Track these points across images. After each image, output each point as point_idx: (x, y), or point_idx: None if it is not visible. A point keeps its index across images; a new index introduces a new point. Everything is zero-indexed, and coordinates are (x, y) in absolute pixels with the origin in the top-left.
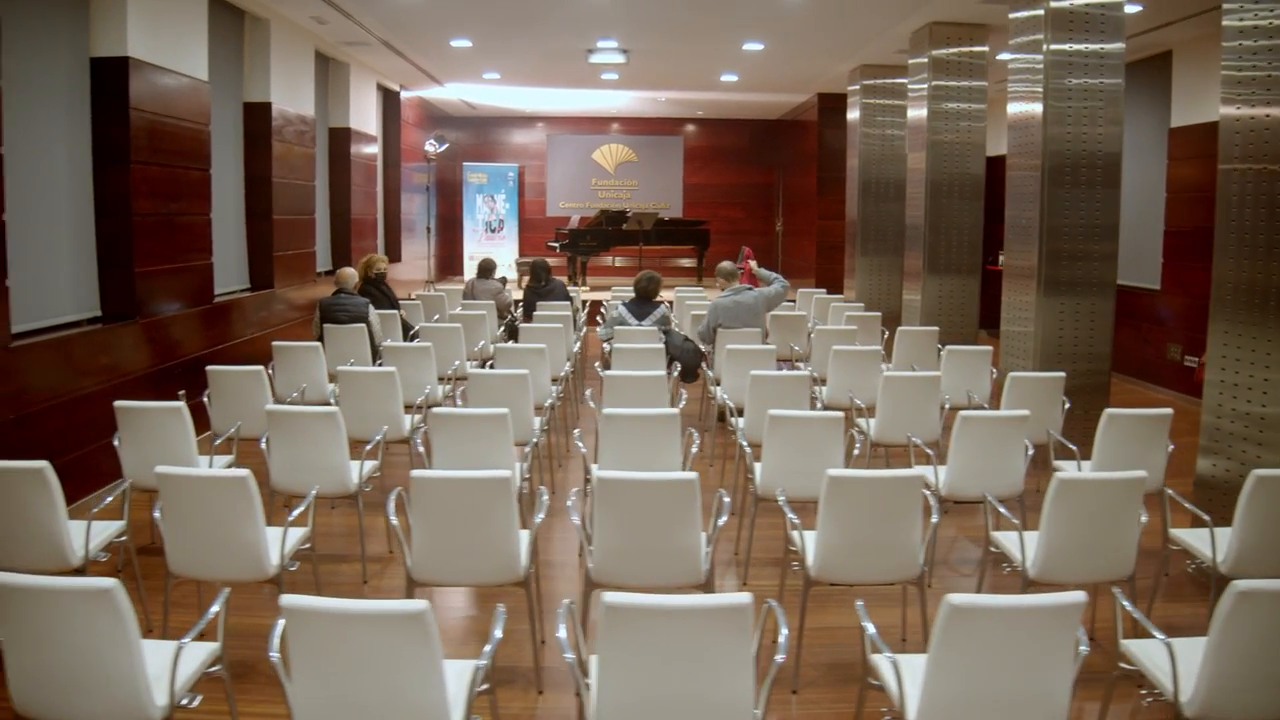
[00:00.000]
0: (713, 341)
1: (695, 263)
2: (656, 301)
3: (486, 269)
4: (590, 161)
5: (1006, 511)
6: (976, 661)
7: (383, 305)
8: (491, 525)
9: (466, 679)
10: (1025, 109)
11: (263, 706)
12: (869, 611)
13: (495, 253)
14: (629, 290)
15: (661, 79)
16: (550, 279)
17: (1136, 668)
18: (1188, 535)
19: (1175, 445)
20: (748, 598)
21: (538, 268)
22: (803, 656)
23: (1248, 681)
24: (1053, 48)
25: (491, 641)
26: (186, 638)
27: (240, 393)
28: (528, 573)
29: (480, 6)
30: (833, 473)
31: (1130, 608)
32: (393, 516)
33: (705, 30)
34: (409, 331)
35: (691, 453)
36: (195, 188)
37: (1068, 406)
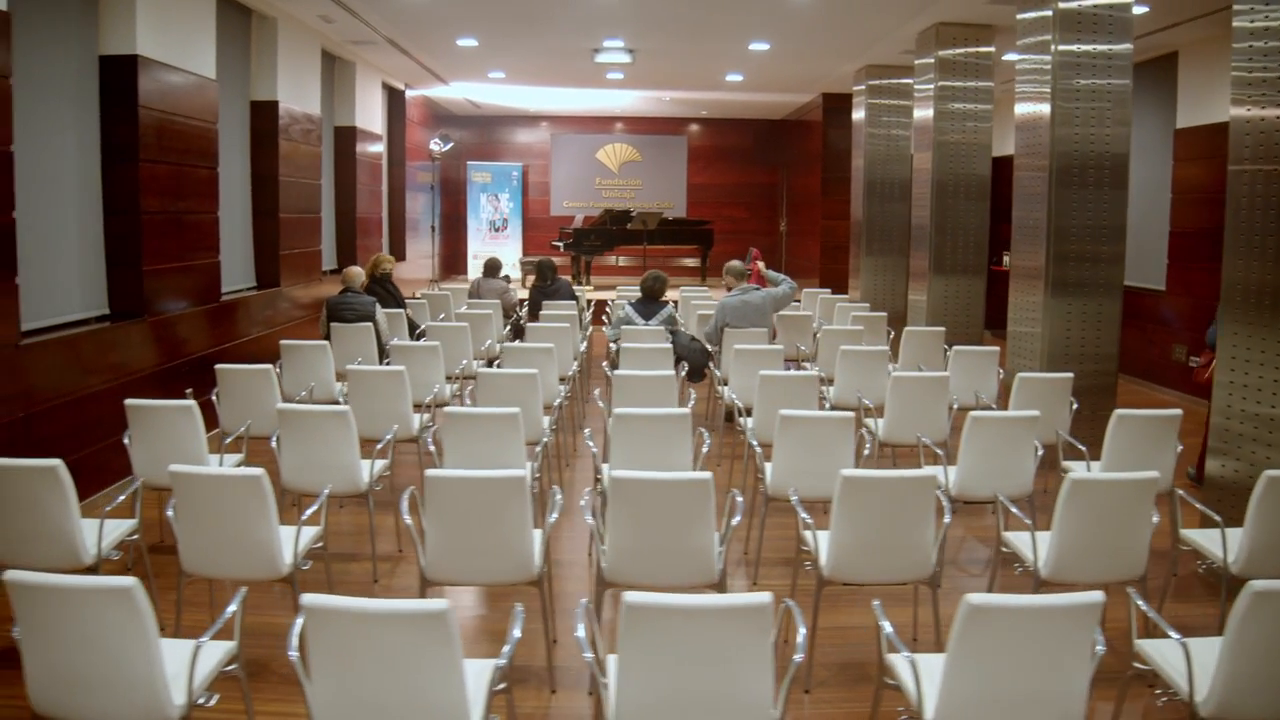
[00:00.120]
0: (720, 341)
1: (699, 262)
2: (663, 301)
3: (492, 268)
4: (594, 161)
5: (1019, 512)
6: (995, 661)
7: (389, 304)
8: (505, 525)
9: (485, 678)
10: (1033, 109)
11: (276, 705)
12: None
13: (499, 252)
14: (634, 290)
15: (667, 79)
16: (556, 278)
17: (1150, 667)
18: (1198, 536)
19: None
20: (768, 597)
21: (543, 267)
22: (815, 656)
23: (1263, 681)
24: (1061, 48)
25: (510, 641)
26: (205, 636)
27: (249, 391)
28: (541, 572)
29: (487, 6)
30: (846, 473)
31: (1146, 608)
32: (406, 516)
33: (712, 30)
34: (415, 330)
35: (702, 452)
36: (203, 186)
37: (1075, 407)
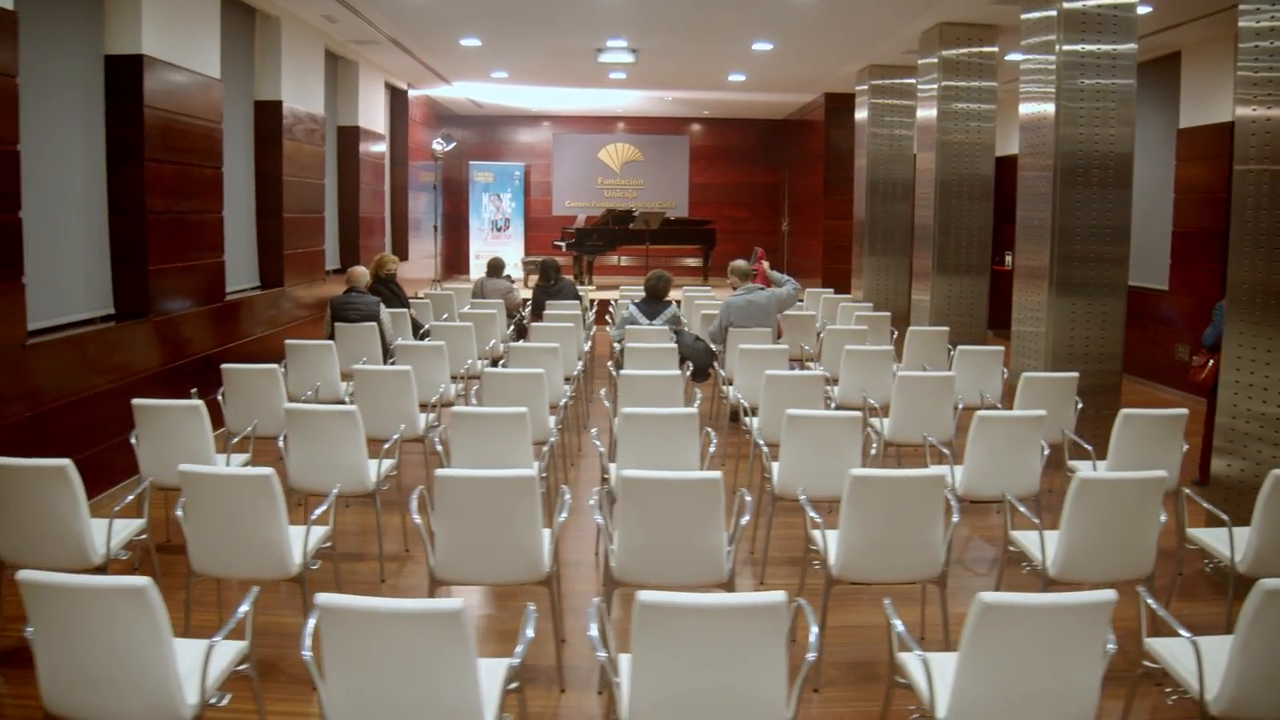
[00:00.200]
0: (724, 340)
1: (701, 262)
2: (667, 301)
3: (496, 268)
4: (596, 161)
5: (1027, 511)
6: (1007, 659)
7: (393, 304)
8: (515, 524)
9: (499, 677)
10: (1037, 109)
11: (285, 705)
12: (883, 611)
13: (501, 252)
14: (638, 290)
15: (669, 78)
16: (560, 278)
17: (1160, 666)
18: (1205, 535)
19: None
20: (782, 596)
21: (547, 267)
22: (823, 655)
23: (1274, 680)
24: (1065, 48)
25: (524, 641)
26: (217, 636)
27: (255, 391)
28: (551, 572)
29: (490, 5)
30: (856, 472)
31: (1157, 606)
32: (415, 515)
33: (715, 30)
34: (419, 330)
35: (709, 452)
36: (208, 186)
37: (1080, 407)
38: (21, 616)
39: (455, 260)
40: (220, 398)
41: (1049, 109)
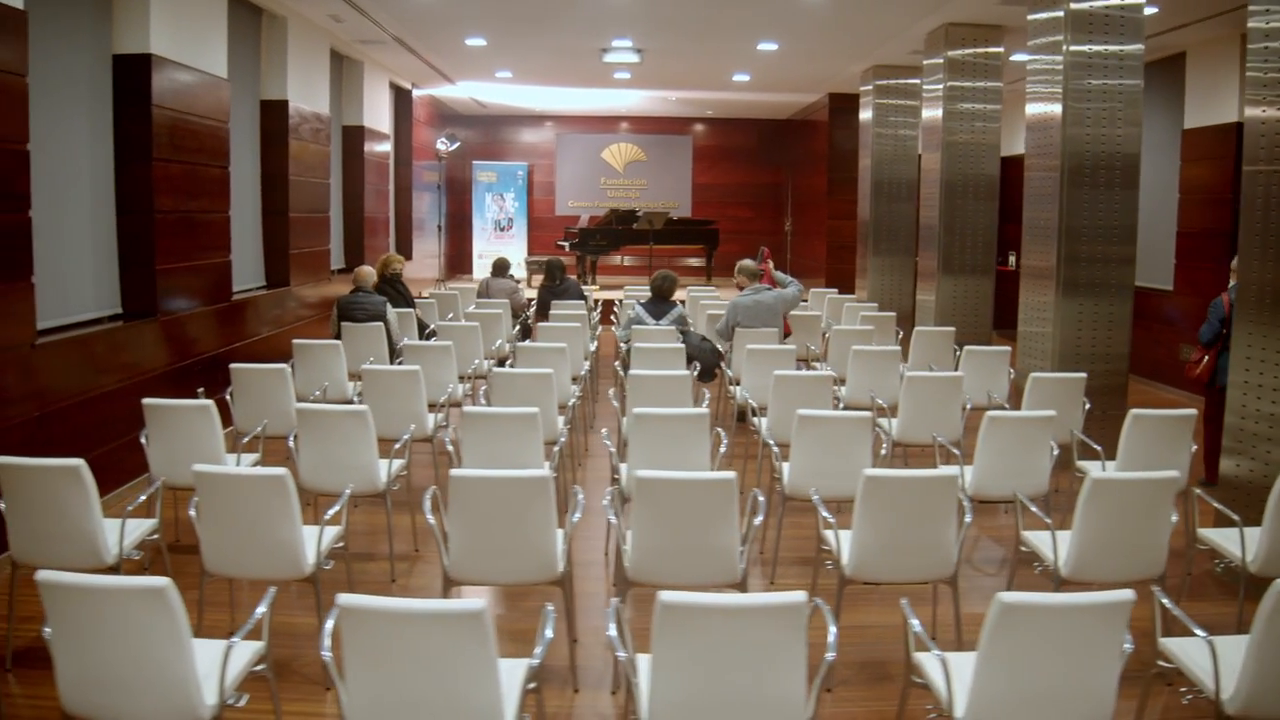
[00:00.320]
0: (731, 338)
1: (704, 262)
2: (673, 301)
3: (501, 268)
4: (599, 160)
5: (1039, 511)
6: (1026, 659)
7: (399, 304)
8: (529, 524)
9: (518, 677)
10: (1044, 110)
11: (298, 705)
12: (894, 611)
13: (504, 251)
14: (643, 290)
15: (674, 78)
16: (565, 278)
17: (1174, 665)
18: (1215, 535)
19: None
20: (802, 596)
21: (553, 267)
22: (837, 654)
23: None
24: (1072, 49)
25: (543, 642)
26: (236, 636)
27: (263, 391)
28: (565, 572)
29: (496, 5)
30: (869, 472)
31: (1172, 606)
32: (429, 515)
33: (720, 30)
34: (424, 330)
35: (720, 452)
36: (215, 185)
37: (1088, 407)
38: (34, 616)
39: (459, 260)
40: (229, 397)
41: (1056, 109)
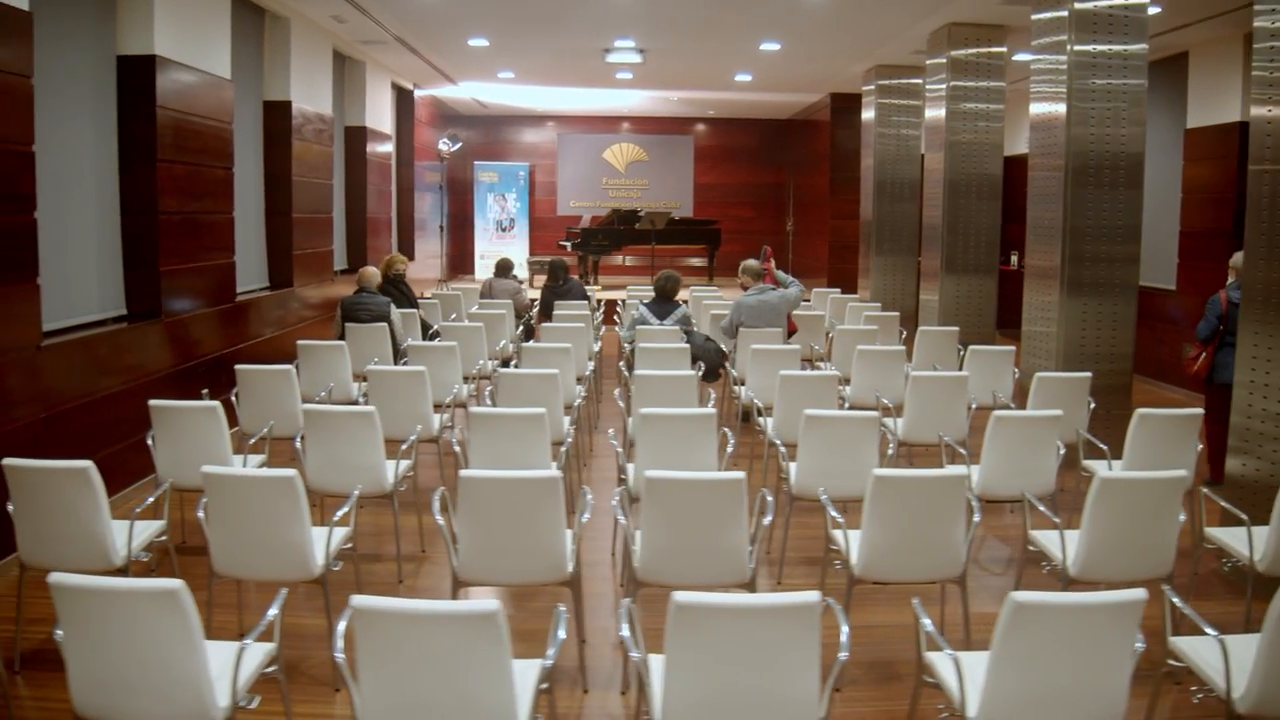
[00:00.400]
0: (735, 336)
1: (706, 262)
2: (676, 301)
3: (504, 268)
4: (601, 161)
5: (1047, 510)
6: (1039, 659)
7: (402, 305)
8: (539, 525)
9: (531, 678)
10: (1048, 109)
11: (307, 706)
12: (901, 611)
13: (506, 252)
14: (646, 290)
15: (676, 78)
16: (568, 278)
17: (1184, 664)
18: (1223, 534)
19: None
20: (816, 596)
21: (556, 267)
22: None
23: None
24: (1076, 49)
25: (555, 643)
26: (249, 638)
27: (269, 392)
28: (574, 572)
29: (499, 6)
30: (879, 472)
31: (1183, 605)
32: (438, 516)
33: (723, 30)
34: (428, 331)
35: (727, 452)
36: (219, 186)
37: (1093, 406)
38: (41, 618)
39: (460, 260)
40: (234, 398)
41: (1060, 109)
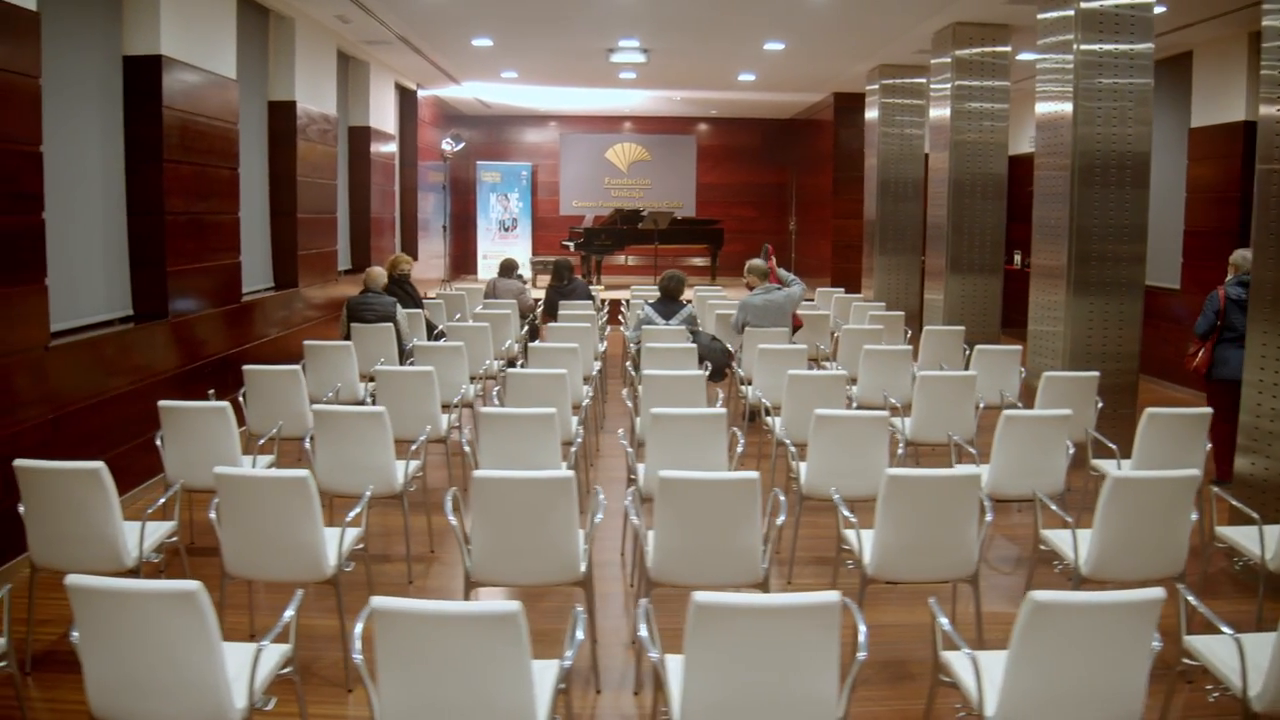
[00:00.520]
0: (741, 332)
1: (709, 262)
2: (682, 301)
3: (508, 268)
4: (603, 160)
5: (1059, 509)
6: (1058, 657)
7: (407, 305)
8: (552, 525)
9: (549, 679)
10: (1054, 109)
11: (320, 708)
12: (912, 610)
13: (508, 252)
14: (649, 289)
15: (679, 78)
16: (573, 278)
17: (1199, 663)
18: (1233, 533)
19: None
20: (836, 596)
21: (561, 267)
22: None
23: None
24: (1083, 48)
25: (573, 644)
26: (265, 639)
27: (277, 392)
28: (586, 573)
29: (503, 6)
30: (892, 472)
31: (1198, 604)
32: (450, 516)
33: (727, 30)
34: (433, 331)
35: (737, 452)
36: (225, 186)
37: (1100, 406)
38: (52, 619)
39: (463, 260)
40: (241, 399)
41: (1066, 108)
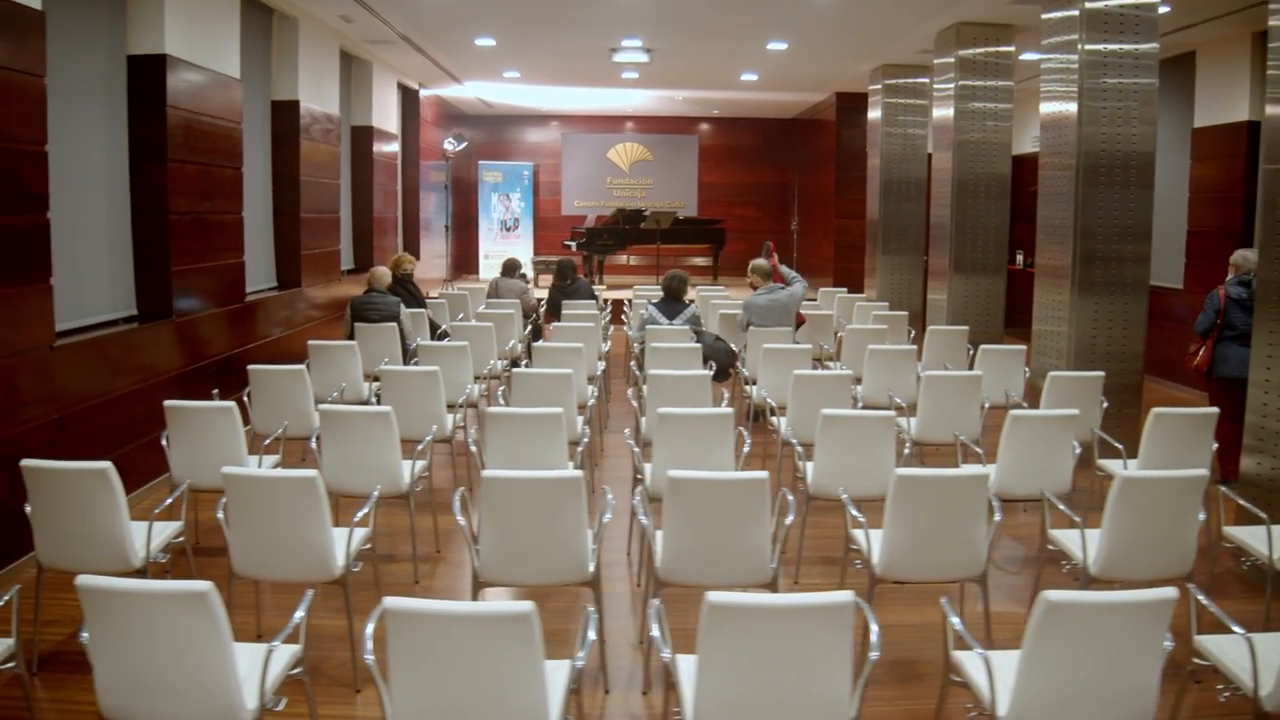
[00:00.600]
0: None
1: (711, 261)
2: (685, 301)
3: (511, 268)
4: (605, 160)
5: (1067, 509)
6: (1071, 657)
7: (410, 304)
8: (560, 525)
9: (562, 679)
10: (1059, 109)
11: (328, 708)
12: (920, 610)
13: (510, 251)
14: (652, 289)
15: (682, 78)
16: (576, 278)
17: (1209, 662)
18: (1241, 532)
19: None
20: (849, 596)
21: (564, 267)
22: (867, 654)
23: None
24: (1087, 48)
25: (584, 644)
26: (277, 640)
27: (282, 392)
28: (595, 573)
29: (507, 5)
30: (901, 472)
31: (1209, 604)
32: (459, 516)
33: (730, 29)
34: (436, 330)
35: (743, 452)
36: (228, 186)
37: (1105, 406)
38: (59, 620)
39: (465, 260)
40: (246, 398)
41: (1071, 108)
